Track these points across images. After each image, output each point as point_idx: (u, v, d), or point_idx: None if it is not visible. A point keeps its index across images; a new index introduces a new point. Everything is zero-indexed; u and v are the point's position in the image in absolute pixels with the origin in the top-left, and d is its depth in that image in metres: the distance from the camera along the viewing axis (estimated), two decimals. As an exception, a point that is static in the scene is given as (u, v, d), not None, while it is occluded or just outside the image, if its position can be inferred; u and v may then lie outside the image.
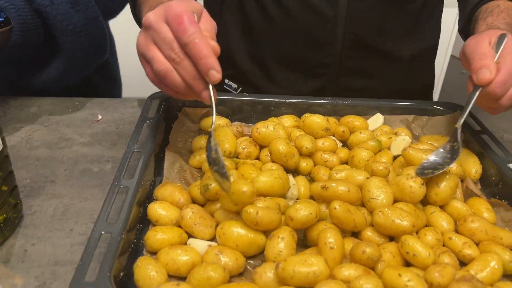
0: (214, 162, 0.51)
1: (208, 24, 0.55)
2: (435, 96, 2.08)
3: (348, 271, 0.44)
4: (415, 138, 0.72)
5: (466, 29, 0.77)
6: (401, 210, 0.51)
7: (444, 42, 1.74)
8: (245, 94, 0.77)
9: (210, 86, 0.52)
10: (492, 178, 0.62)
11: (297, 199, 0.58)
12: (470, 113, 0.67)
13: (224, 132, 0.64)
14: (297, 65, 0.83)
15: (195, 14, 0.53)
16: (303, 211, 0.49)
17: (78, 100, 0.81)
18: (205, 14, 0.56)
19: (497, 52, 0.57)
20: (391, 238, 0.51)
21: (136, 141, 0.60)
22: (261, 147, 0.65)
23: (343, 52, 0.80)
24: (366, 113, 0.75)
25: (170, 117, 0.71)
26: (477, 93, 0.57)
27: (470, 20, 0.75)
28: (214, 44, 0.52)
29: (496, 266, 0.48)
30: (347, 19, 0.77)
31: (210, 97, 0.53)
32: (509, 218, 0.56)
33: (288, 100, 0.75)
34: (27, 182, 0.60)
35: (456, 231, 0.54)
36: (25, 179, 0.61)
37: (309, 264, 0.43)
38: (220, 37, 0.58)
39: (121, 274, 0.44)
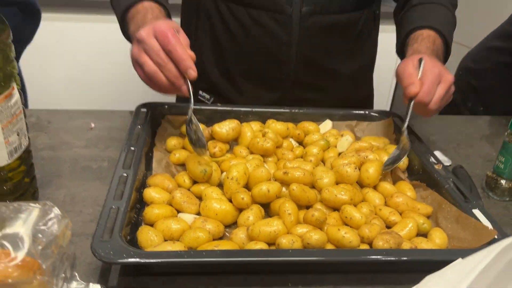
0: (195, 142, 0.70)
1: (184, 39, 0.71)
2: (387, 104, 2.29)
3: (301, 229, 0.59)
4: (357, 139, 0.89)
5: (402, 51, 0.94)
6: (341, 188, 0.66)
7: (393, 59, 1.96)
8: (218, 104, 0.92)
9: (188, 82, 0.69)
10: (416, 167, 0.79)
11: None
12: (403, 120, 0.85)
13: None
14: (258, 79, 0.98)
15: (176, 31, 0.69)
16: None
17: (71, 111, 0.93)
18: (182, 32, 0.73)
19: (419, 71, 0.75)
20: (335, 211, 0.67)
21: (131, 141, 0.73)
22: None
23: (296, 69, 0.96)
24: (318, 119, 0.91)
25: (155, 124, 0.84)
26: (412, 103, 0.74)
27: (404, 45, 0.92)
28: (191, 52, 0.69)
29: (412, 227, 0.64)
30: (299, 43, 0.93)
31: (189, 90, 0.69)
32: (426, 195, 0.73)
33: (254, 109, 0.90)
34: (38, 176, 0.72)
35: (386, 205, 0.70)
36: (36, 174, 0.72)
37: (271, 225, 0.58)
38: (195, 53, 0.72)
39: (127, 238, 0.57)
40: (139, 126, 0.78)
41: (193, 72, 0.68)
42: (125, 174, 0.65)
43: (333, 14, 0.93)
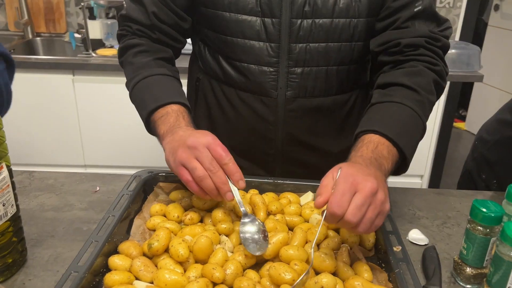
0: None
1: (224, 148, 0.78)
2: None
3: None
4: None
5: None
6: (288, 266, 0.70)
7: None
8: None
9: (235, 189, 0.77)
10: (379, 246, 0.80)
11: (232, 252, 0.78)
12: None
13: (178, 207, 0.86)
14: (248, 154, 1.05)
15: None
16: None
17: (84, 174, 1.06)
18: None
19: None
20: None
21: (114, 208, 0.83)
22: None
23: (283, 146, 1.02)
24: (301, 191, 0.95)
25: (148, 190, 0.94)
26: (323, 216, 0.67)
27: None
28: (241, 184, 0.77)
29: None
30: (284, 123, 1.00)
31: (233, 196, 0.77)
32: (383, 278, 0.73)
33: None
34: (35, 235, 0.84)
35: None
36: (34, 233, 0.84)
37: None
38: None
39: (82, 301, 0.65)
40: (125, 194, 0.88)
41: (243, 183, 0.76)
42: (96, 240, 0.74)
43: (317, 98, 0.99)
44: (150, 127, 0.91)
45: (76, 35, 2.48)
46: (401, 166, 0.82)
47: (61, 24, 2.57)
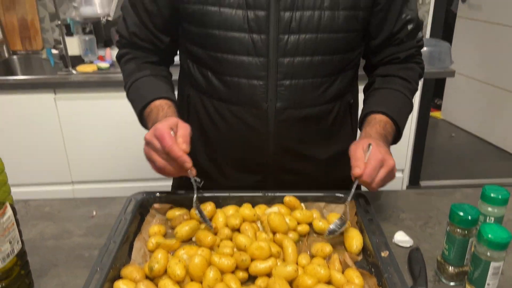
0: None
1: (183, 130, 0.89)
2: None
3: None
4: (323, 217, 0.97)
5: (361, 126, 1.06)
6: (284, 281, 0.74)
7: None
8: (200, 190, 1.04)
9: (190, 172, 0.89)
10: (368, 252, 0.86)
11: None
12: (368, 202, 0.95)
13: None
14: (241, 165, 1.10)
15: (172, 130, 0.87)
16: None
17: (79, 199, 1.09)
18: (180, 123, 0.90)
19: (367, 154, 0.88)
20: None
21: (114, 233, 0.86)
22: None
23: (275, 156, 1.07)
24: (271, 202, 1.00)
25: (144, 212, 0.97)
26: (356, 182, 0.88)
27: (361, 124, 1.05)
28: (184, 147, 0.87)
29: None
30: (275, 133, 1.04)
31: (191, 174, 0.89)
32: (373, 282, 0.79)
33: (231, 194, 1.01)
34: (38, 266, 0.86)
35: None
36: (37, 263, 0.87)
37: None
38: None
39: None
40: (123, 218, 0.91)
41: (188, 164, 0.86)
42: (101, 268, 0.77)
43: (306, 108, 1.04)
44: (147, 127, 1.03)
45: (54, 51, 2.48)
46: (396, 138, 1.05)
47: (37, 41, 2.56)
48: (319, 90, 1.04)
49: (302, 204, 0.99)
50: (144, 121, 1.04)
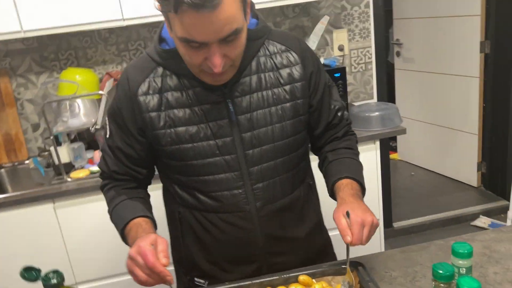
0: None
1: (162, 245, 1.04)
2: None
3: None
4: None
5: (333, 196, 1.29)
6: None
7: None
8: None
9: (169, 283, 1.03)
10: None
11: None
12: (365, 268, 1.16)
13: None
14: (237, 260, 1.31)
15: (152, 246, 1.02)
16: None
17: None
18: (159, 239, 1.06)
19: (348, 219, 1.09)
20: None
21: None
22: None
23: (264, 245, 1.30)
24: (285, 282, 1.19)
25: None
26: (349, 247, 1.10)
27: (332, 192, 1.27)
28: (165, 261, 1.01)
29: None
30: (260, 227, 1.28)
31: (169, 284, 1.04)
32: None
33: (254, 282, 1.20)
34: None
35: None
36: None
37: None
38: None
39: None
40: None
41: (168, 277, 1.01)
42: None
43: (279, 200, 1.29)
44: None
45: (39, 158, 2.62)
46: (363, 191, 1.26)
47: (23, 152, 2.70)
48: (286, 183, 1.30)
49: (314, 280, 1.20)
50: (125, 239, 1.21)
